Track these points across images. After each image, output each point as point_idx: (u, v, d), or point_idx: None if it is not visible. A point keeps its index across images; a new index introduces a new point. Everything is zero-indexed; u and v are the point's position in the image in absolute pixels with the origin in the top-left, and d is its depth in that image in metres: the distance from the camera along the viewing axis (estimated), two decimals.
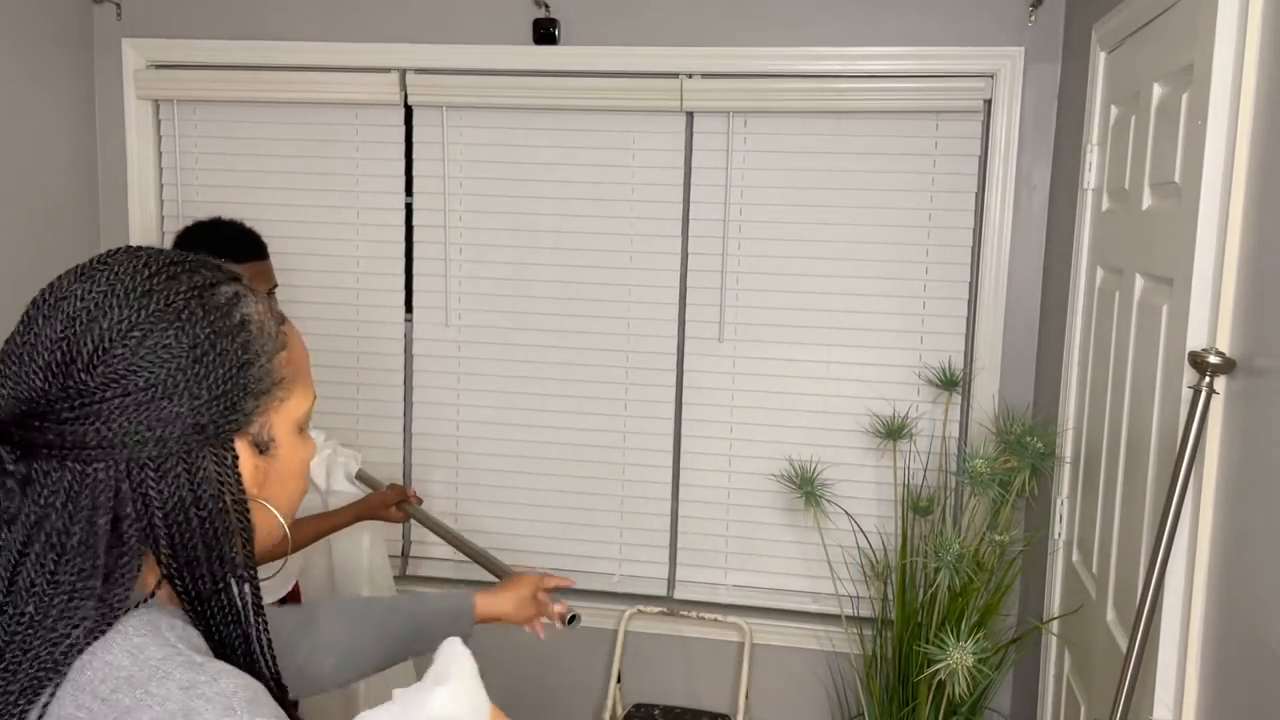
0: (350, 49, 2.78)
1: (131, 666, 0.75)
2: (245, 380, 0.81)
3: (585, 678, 2.92)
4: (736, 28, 2.63)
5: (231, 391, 0.80)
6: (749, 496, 2.78)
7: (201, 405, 0.78)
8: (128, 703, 0.73)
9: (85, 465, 0.76)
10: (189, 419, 0.78)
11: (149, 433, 0.77)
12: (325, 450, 2.41)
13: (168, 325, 0.78)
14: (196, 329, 0.79)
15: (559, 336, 2.82)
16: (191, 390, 0.78)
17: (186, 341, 0.78)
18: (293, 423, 0.86)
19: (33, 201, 2.74)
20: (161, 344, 0.77)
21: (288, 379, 0.85)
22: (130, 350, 0.77)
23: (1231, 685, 1.32)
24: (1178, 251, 1.53)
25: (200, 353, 0.79)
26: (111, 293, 0.78)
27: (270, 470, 0.85)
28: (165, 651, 0.76)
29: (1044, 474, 2.29)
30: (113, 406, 0.76)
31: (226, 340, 0.80)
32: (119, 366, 0.76)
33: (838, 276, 2.67)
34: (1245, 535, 1.30)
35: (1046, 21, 2.50)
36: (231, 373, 0.80)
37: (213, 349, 0.79)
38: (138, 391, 0.76)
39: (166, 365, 0.77)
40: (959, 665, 1.94)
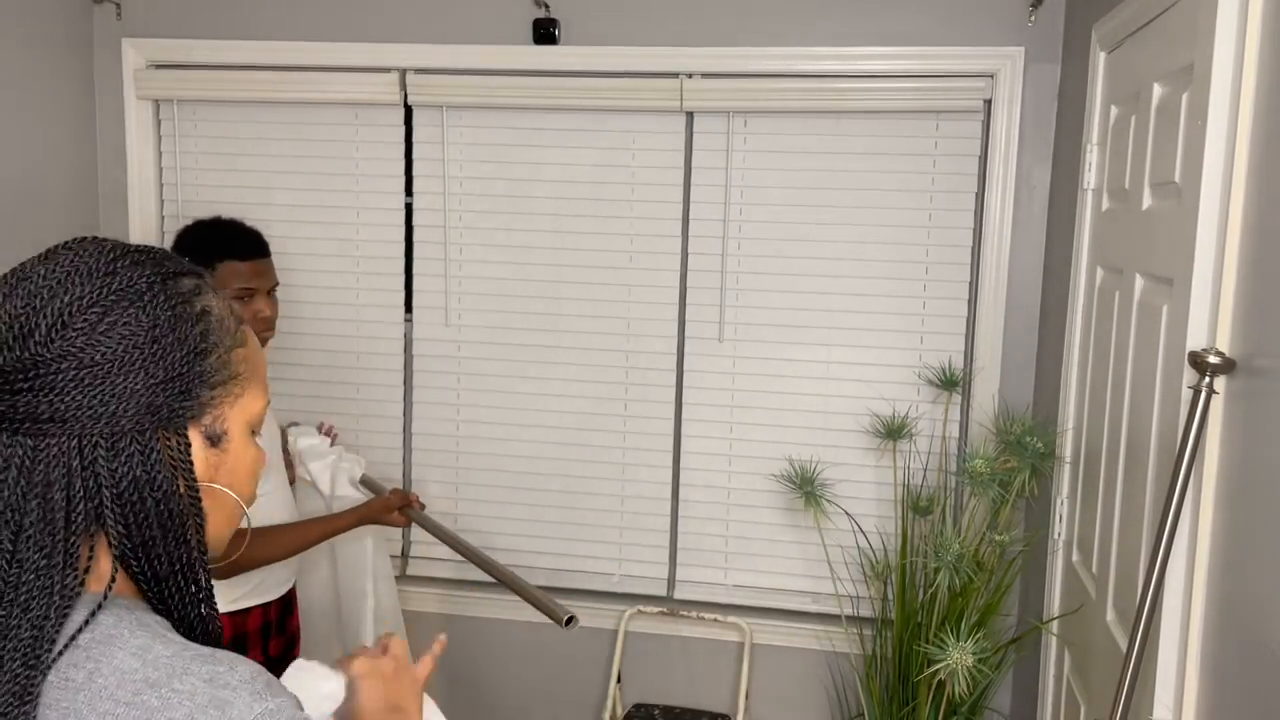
0: (350, 49, 2.78)
1: (144, 669, 0.76)
2: (202, 368, 0.82)
3: (585, 678, 2.92)
4: (736, 28, 2.63)
5: (187, 376, 0.81)
6: (749, 496, 2.78)
7: (157, 385, 0.79)
8: (155, 703, 0.74)
9: (38, 439, 0.76)
10: (144, 397, 0.78)
11: (102, 408, 0.77)
12: (330, 456, 2.41)
13: (129, 304, 0.79)
14: (157, 310, 0.80)
15: (559, 336, 2.82)
16: (148, 369, 0.79)
17: (146, 321, 0.79)
18: (246, 421, 0.88)
19: (33, 201, 2.74)
20: (121, 321, 0.79)
21: (244, 376, 0.86)
22: (89, 325, 0.78)
23: (1231, 685, 1.32)
24: (1178, 251, 1.53)
25: (159, 333, 0.80)
26: (75, 271, 0.80)
27: (221, 464, 0.86)
28: (172, 648, 0.78)
29: (1044, 474, 2.29)
30: (67, 379, 0.76)
31: (186, 325, 0.81)
32: (77, 340, 0.77)
33: (838, 276, 2.67)
34: (1245, 535, 1.30)
35: (1046, 21, 2.50)
36: (189, 358, 0.81)
37: (171, 331, 0.80)
38: (94, 366, 0.77)
39: (124, 342, 0.78)
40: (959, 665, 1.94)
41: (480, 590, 2.92)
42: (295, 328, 2.88)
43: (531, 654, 2.93)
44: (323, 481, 2.39)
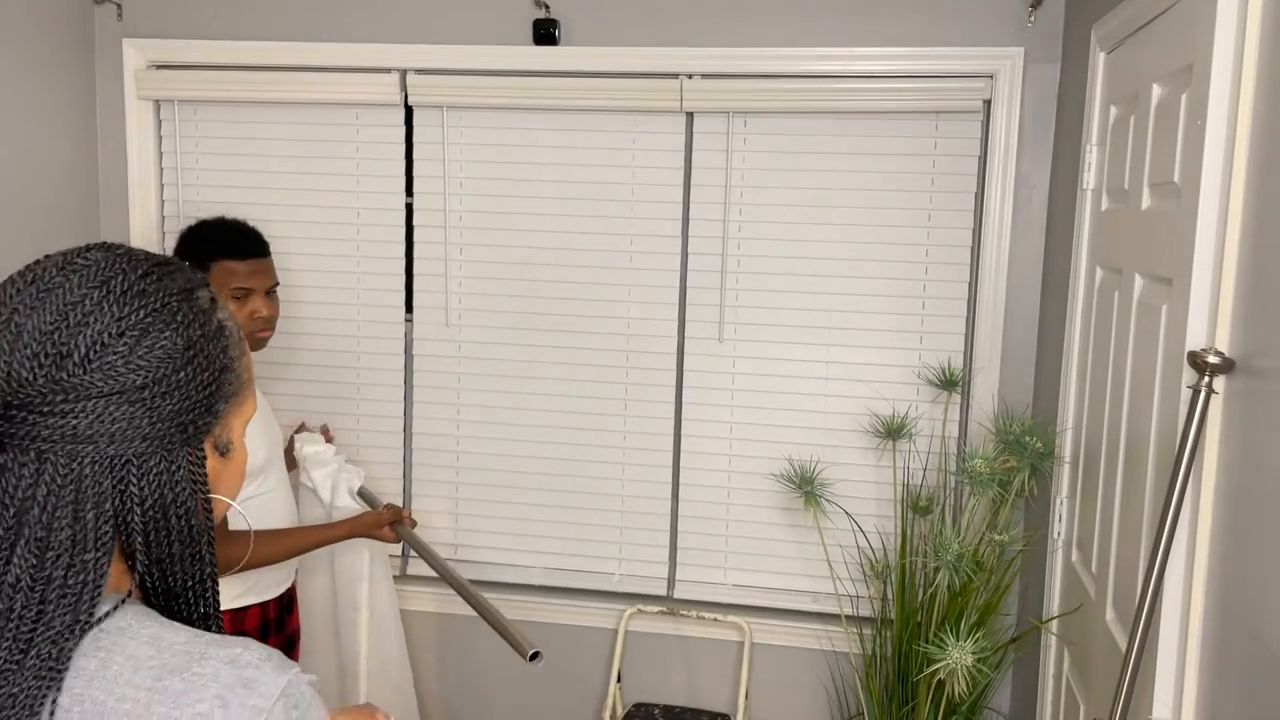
0: (350, 49, 2.79)
1: (160, 655, 0.77)
2: (223, 383, 0.84)
3: (585, 678, 2.92)
4: (736, 28, 2.63)
5: (213, 393, 0.82)
6: (749, 496, 2.78)
7: (189, 405, 0.80)
8: (180, 687, 0.76)
9: (71, 460, 0.76)
10: (176, 418, 0.80)
11: (136, 430, 0.78)
12: (331, 465, 2.42)
13: (164, 326, 0.80)
14: (190, 331, 0.81)
15: (559, 336, 2.82)
16: (183, 390, 0.80)
17: (182, 343, 0.80)
18: (243, 425, 0.89)
19: (33, 201, 2.74)
20: (159, 344, 0.79)
21: (245, 382, 0.88)
22: (128, 348, 0.78)
23: (1231, 685, 1.32)
24: (1177, 251, 1.54)
25: (192, 354, 0.81)
26: (106, 289, 0.79)
27: (224, 472, 0.87)
28: (183, 636, 0.79)
29: (1043, 474, 2.29)
30: (109, 402, 0.77)
31: (213, 344, 0.83)
32: (117, 364, 0.77)
33: (838, 276, 2.67)
34: (1245, 535, 1.30)
35: (1046, 22, 2.51)
36: (215, 375, 0.83)
37: (202, 352, 0.82)
38: (134, 390, 0.78)
39: (164, 365, 0.79)
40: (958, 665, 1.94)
41: (480, 590, 2.91)
42: (295, 328, 2.89)
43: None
44: (324, 490, 2.40)
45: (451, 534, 2.94)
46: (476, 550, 2.94)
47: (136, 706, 0.75)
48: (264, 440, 2.12)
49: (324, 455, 2.43)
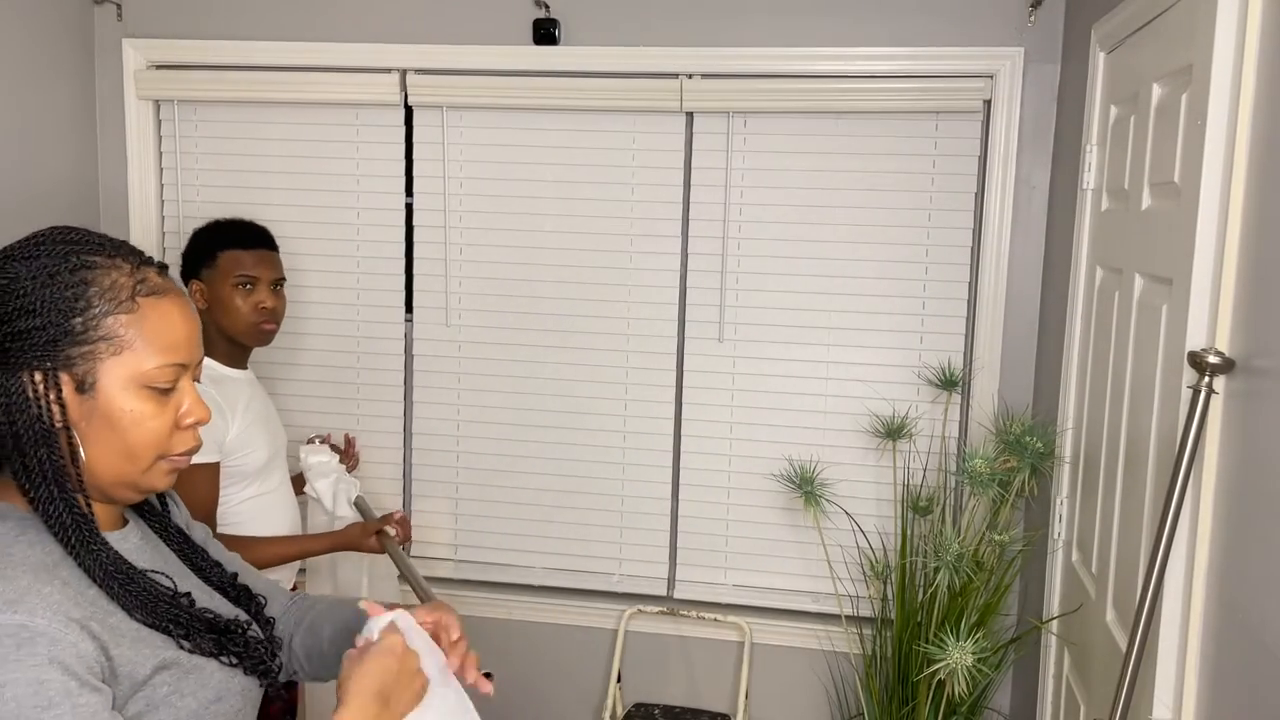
0: (350, 49, 2.79)
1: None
2: (68, 326, 0.98)
3: (585, 678, 2.92)
4: (736, 28, 2.63)
5: (51, 330, 0.97)
6: (749, 496, 2.78)
7: (28, 334, 0.97)
8: None
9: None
10: (16, 342, 0.96)
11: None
12: (332, 476, 2.42)
13: (23, 268, 0.98)
14: (39, 274, 0.98)
15: (559, 336, 2.82)
16: (21, 321, 0.97)
17: (27, 282, 0.97)
18: (127, 376, 1.00)
19: (33, 201, 2.74)
20: (12, 279, 0.97)
21: (125, 338, 1.00)
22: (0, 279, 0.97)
23: (1231, 685, 1.32)
24: (1177, 251, 1.54)
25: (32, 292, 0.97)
26: (17, 244, 1.01)
27: (94, 409, 0.99)
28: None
29: (1044, 474, 2.29)
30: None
31: (58, 289, 0.98)
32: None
33: (837, 277, 2.67)
34: (1245, 535, 1.30)
35: (1046, 22, 2.50)
36: (52, 316, 0.97)
37: (42, 292, 0.97)
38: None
39: (9, 295, 0.97)
40: (959, 665, 1.94)
41: (480, 590, 2.92)
42: (296, 327, 2.89)
43: (532, 654, 2.93)
44: (326, 499, 2.40)
45: (451, 534, 2.94)
46: (476, 550, 2.94)
47: None
48: (266, 442, 2.12)
49: (327, 466, 2.44)
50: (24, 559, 0.96)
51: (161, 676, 1.00)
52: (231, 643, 1.08)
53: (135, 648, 0.98)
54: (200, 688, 1.03)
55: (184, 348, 1.04)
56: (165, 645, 1.01)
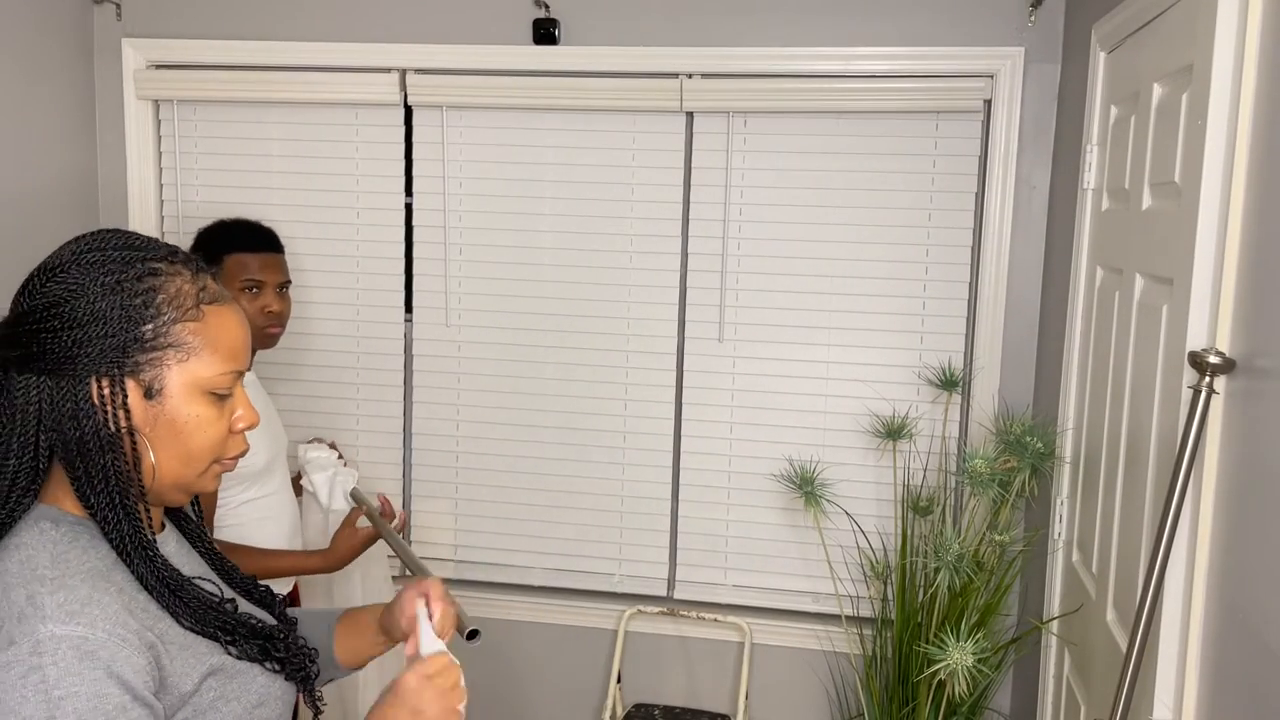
0: (350, 49, 2.78)
1: (14, 574, 0.95)
2: (138, 334, 0.98)
3: (585, 678, 2.92)
4: (736, 28, 2.63)
5: (121, 338, 0.98)
6: (749, 496, 2.78)
7: (95, 342, 0.97)
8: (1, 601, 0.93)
9: (19, 374, 0.98)
10: (83, 350, 0.97)
11: (55, 354, 0.96)
12: (328, 470, 2.42)
13: (85, 275, 0.98)
14: (105, 281, 0.98)
15: (559, 337, 2.82)
16: (88, 329, 0.97)
17: (94, 289, 0.98)
18: (191, 383, 1.02)
19: (33, 201, 2.74)
20: (77, 286, 0.97)
21: (191, 346, 1.01)
22: (59, 285, 0.98)
23: (1231, 685, 1.32)
24: (1178, 251, 1.54)
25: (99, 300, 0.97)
26: (69, 249, 1.01)
27: (159, 415, 1.01)
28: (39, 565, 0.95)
29: (1044, 474, 2.29)
30: (37, 330, 0.97)
31: (125, 296, 0.98)
32: (46, 299, 0.98)
33: (837, 277, 2.67)
34: (1245, 535, 1.30)
35: (1046, 21, 2.50)
36: (121, 324, 0.98)
37: (109, 300, 0.98)
38: (54, 319, 0.97)
39: (75, 303, 0.97)
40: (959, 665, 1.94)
41: (480, 590, 2.92)
42: (296, 328, 2.88)
43: (531, 654, 2.93)
44: (322, 493, 2.40)
45: (451, 534, 2.94)
46: (476, 550, 2.94)
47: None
48: (266, 445, 2.12)
49: (324, 460, 2.44)
50: (80, 565, 0.96)
51: (208, 683, 1.01)
52: (274, 648, 1.09)
53: (183, 656, 0.99)
54: (244, 692, 1.05)
55: (241, 354, 1.06)
56: (211, 651, 1.03)
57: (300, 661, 1.13)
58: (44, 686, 0.88)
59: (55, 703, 0.88)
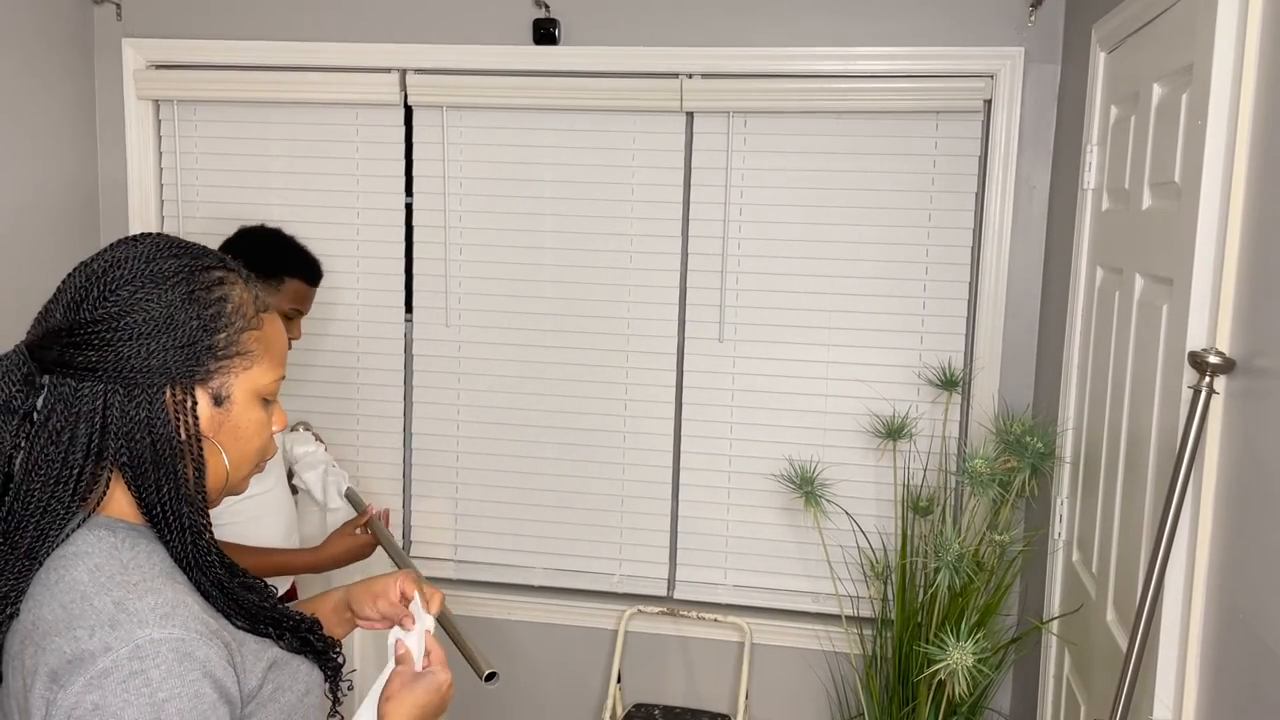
0: (350, 49, 2.79)
1: (88, 582, 0.94)
2: (211, 343, 1.00)
3: (585, 678, 2.92)
4: (736, 28, 2.63)
5: (196, 347, 0.99)
6: (749, 496, 2.78)
7: (170, 351, 0.98)
8: (77, 611, 0.92)
9: (78, 382, 0.96)
10: (158, 359, 0.97)
11: (126, 363, 0.96)
12: (320, 467, 2.42)
13: (156, 285, 0.98)
14: (177, 291, 0.99)
15: (559, 337, 2.82)
16: (163, 339, 0.98)
17: (167, 299, 0.98)
18: (253, 389, 1.04)
19: (33, 201, 2.74)
20: (149, 296, 0.98)
21: (254, 354, 1.04)
22: (128, 294, 0.97)
23: (1231, 685, 1.32)
24: (1177, 251, 1.54)
25: (174, 310, 0.98)
26: (127, 256, 1.00)
27: (225, 421, 1.03)
28: (113, 572, 0.95)
29: (1044, 474, 2.29)
30: (105, 338, 0.96)
31: (200, 306, 1.00)
32: (115, 308, 0.97)
33: (838, 277, 2.67)
34: (1245, 535, 1.30)
35: (1046, 22, 2.50)
36: (197, 334, 0.99)
37: (185, 310, 0.99)
38: (124, 329, 0.97)
39: (149, 312, 0.97)
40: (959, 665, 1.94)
41: (480, 590, 2.92)
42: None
43: (532, 654, 2.93)
44: (316, 490, 2.40)
45: (451, 534, 2.94)
46: (476, 550, 2.94)
47: (56, 619, 0.92)
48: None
49: (314, 457, 2.43)
50: (152, 570, 0.97)
51: (269, 676, 1.03)
52: (315, 640, 1.12)
53: (246, 653, 1.01)
54: (294, 682, 1.07)
55: (284, 360, 1.10)
56: (264, 646, 1.04)
57: (331, 654, 1.16)
58: (148, 690, 0.89)
59: (159, 705, 0.89)
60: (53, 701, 0.89)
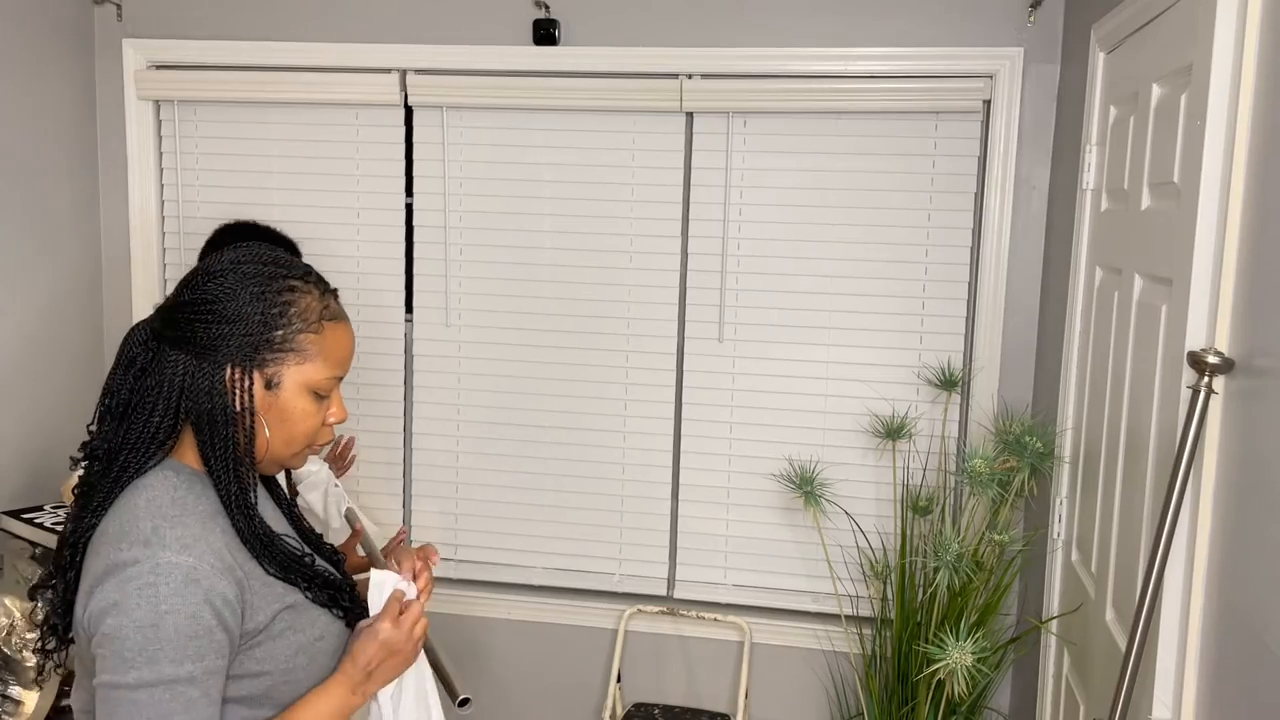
0: (350, 49, 2.79)
1: (142, 508, 1.16)
2: (269, 337, 1.21)
3: (585, 678, 2.92)
4: (736, 28, 2.63)
5: (255, 338, 1.20)
6: (749, 496, 2.78)
7: (234, 338, 1.19)
8: (127, 528, 1.14)
9: (171, 350, 1.20)
10: (223, 342, 1.19)
11: (200, 341, 1.19)
12: (321, 487, 2.42)
13: (235, 283, 1.20)
14: (250, 291, 1.20)
15: (559, 337, 2.82)
16: (230, 327, 1.19)
17: (241, 296, 1.20)
18: (303, 381, 1.24)
19: (33, 201, 2.74)
20: (227, 292, 1.20)
21: (309, 353, 1.23)
22: (214, 288, 1.20)
23: (1231, 685, 1.32)
24: (1177, 251, 1.54)
25: (244, 305, 1.20)
26: (226, 258, 1.23)
27: (274, 403, 1.23)
28: (163, 504, 1.17)
29: (1043, 474, 2.30)
30: (189, 319, 1.20)
31: (266, 305, 1.21)
32: (200, 296, 1.20)
33: (837, 277, 2.67)
34: (1245, 535, 1.30)
35: (1046, 22, 2.51)
36: (258, 327, 1.20)
37: (252, 306, 1.20)
38: (203, 315, 1.19)
39: (224, 304, 1.19)
40: (958, 665, 1.94)
41: (480, 590, 2.92)
42: None
43: (532, 654, 2.93)
44: (319, 509, 2.40)
45: (452, 534, 2.94)
46: (476, 550, 2.94)
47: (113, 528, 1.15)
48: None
49: (316, 477, 2.43)
50: (195, 508, 1.18)
51: (281, 616, 1.21)
52: (342, 598, 1.31)
53: (264, 592, 1.20)
54: (310, 626, 1.25)
55: (346, 363, 1.28)
56: (288, 592, 1.23)
57: (359, 611, 1.33)
58: (155, 600, 1.10)
59: (161, 615, 1.09)
60: (90, 594, 1.12)
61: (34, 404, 2.77)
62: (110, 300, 3.01)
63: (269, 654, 1.20)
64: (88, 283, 2.95)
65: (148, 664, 1.09)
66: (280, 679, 1.22)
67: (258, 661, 1.19)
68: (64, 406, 2.87)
